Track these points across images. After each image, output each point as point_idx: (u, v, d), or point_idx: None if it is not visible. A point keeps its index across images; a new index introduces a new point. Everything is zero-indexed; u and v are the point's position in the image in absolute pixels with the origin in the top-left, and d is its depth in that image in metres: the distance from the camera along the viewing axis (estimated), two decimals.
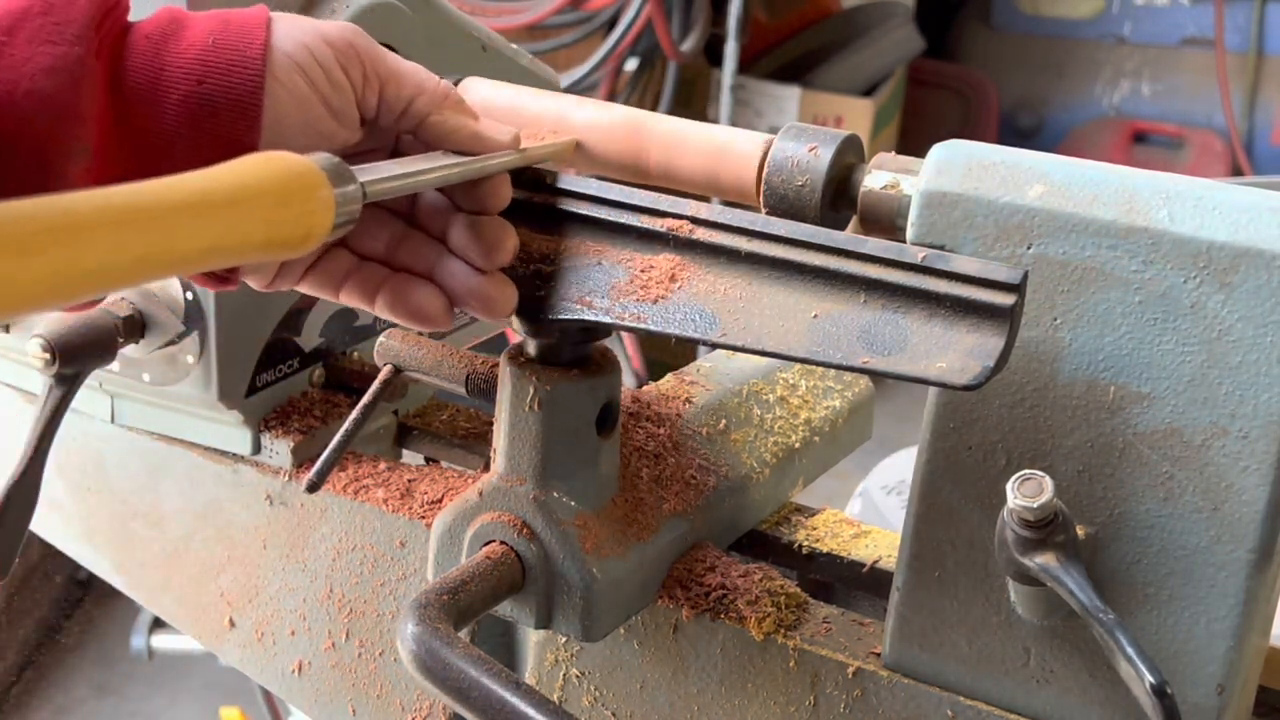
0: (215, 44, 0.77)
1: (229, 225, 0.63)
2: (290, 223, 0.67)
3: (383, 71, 0.83)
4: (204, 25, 0.79)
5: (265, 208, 0.65)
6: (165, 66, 0.77)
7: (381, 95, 0.83)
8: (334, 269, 0.85)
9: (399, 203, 0.86)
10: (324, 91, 0.80)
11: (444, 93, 0.86)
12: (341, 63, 0.81)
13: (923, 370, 0.76)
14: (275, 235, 0.66)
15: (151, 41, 0.77)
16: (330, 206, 0.70)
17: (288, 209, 0.67)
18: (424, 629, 0.79)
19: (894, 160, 0.88)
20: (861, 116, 4.39)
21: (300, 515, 1.16)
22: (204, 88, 0.77)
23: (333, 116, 0.81)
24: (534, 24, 3.72)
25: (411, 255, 0.86)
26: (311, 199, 0.68)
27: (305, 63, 0.79)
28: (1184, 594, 0.80)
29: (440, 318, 0.85)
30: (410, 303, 0.84)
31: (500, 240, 0.84)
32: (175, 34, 0.78)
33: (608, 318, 0.84)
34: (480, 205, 0.85)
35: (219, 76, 0.77)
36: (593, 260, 0.86)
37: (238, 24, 0.79)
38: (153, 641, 2.93)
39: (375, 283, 0.85)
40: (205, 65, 0.77)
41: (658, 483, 0.99)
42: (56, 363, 1.03)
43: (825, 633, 0.94)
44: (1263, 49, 4.99)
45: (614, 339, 3.66)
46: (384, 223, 0.86)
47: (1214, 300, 0.77)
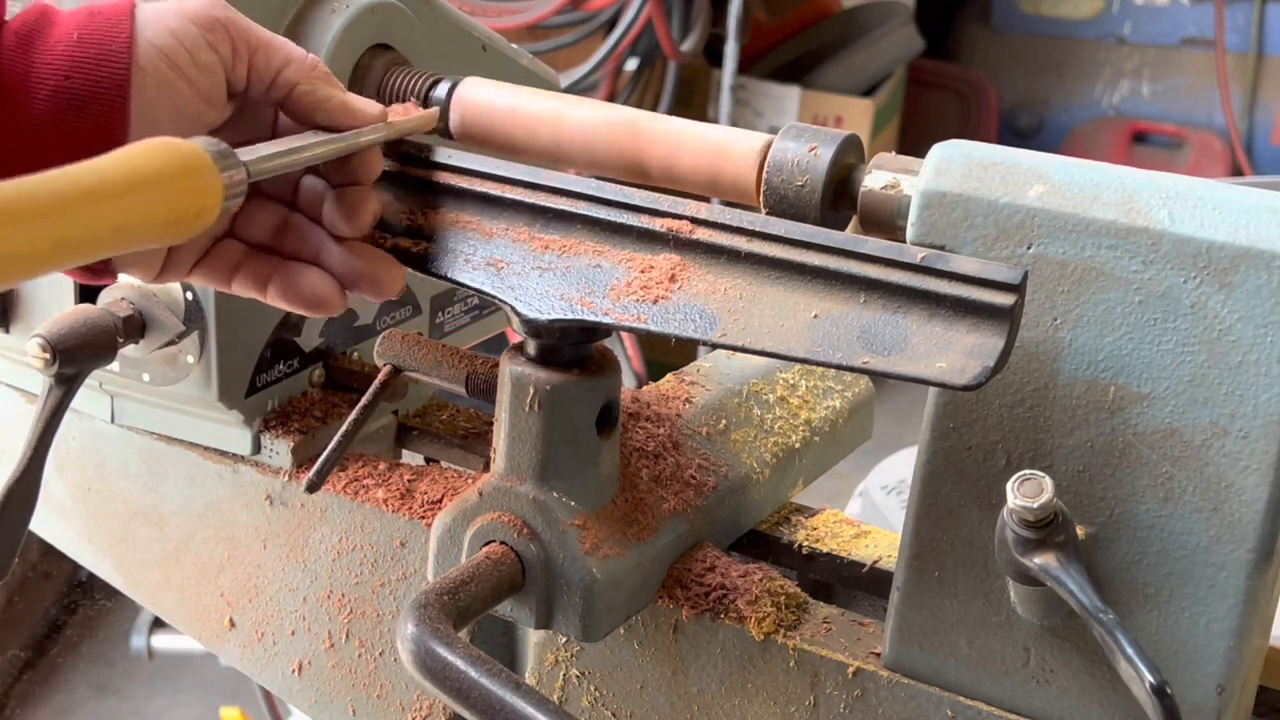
0: (81, 39, 0.79)
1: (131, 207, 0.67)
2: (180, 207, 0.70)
3: (252, 41, 0.84)
4: (72, 20, 0.80)
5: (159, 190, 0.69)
6: (33, 63, 0.78)
7: (251, 65, 0.85)
8: (224, 260, 0.87)
9: (281, 189, 0.88)
10: (191, 76, 0.81)
11: (312, 63, 0.87)
12: (209, 40, 0.82)
13: (923, 370, 0.76)
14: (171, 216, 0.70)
15: (20, 38, 0.79)
16: (218, 190, 0.73)
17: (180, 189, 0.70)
18: (424, 629, 0.79)
19: (894, 160, 0.88)
20: (861, 116, 4.39)
21: (300, 515, 1.16)
22: (71, 83, 0.78)
23: (201, 99, 0.83)
24: (534, 24, 3.72)
25: (297, 241, 0.88)
26: (200, 178, 0.71)
27: (170, 48, 0.81)
28: (1184, 594, 0.80)
29: (332, 302, 0.87)
30: (301, 289, 0.86)
31: (360, 205, 0.86)
32: (44, 30, 0.79)
33: (608, 318, 0.84)
34: (353, 178, 0.87)
35: (86, 71, 0.78)
36: (593, 260, 0.86)
37: (103, 17, 0.80)
38: (153, 641, 2.93)
39: (266, 272, 0.87)
40: (72, 61, 0.78)
41: (658, 483, 0.99)
42: (56, 363, 1.03)
43: (825, 633, 0.94)
44: (1263, 49, 4.99)
45: (614, 339, 3.66)
46: (268, 209, 0.88)
47: (1214, 300, 0.77)
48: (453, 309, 1.35)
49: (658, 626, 0.98)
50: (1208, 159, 4.96)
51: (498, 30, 1.42)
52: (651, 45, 3.85)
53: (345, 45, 1.07)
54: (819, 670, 0.93)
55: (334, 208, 0.87)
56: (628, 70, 3.93)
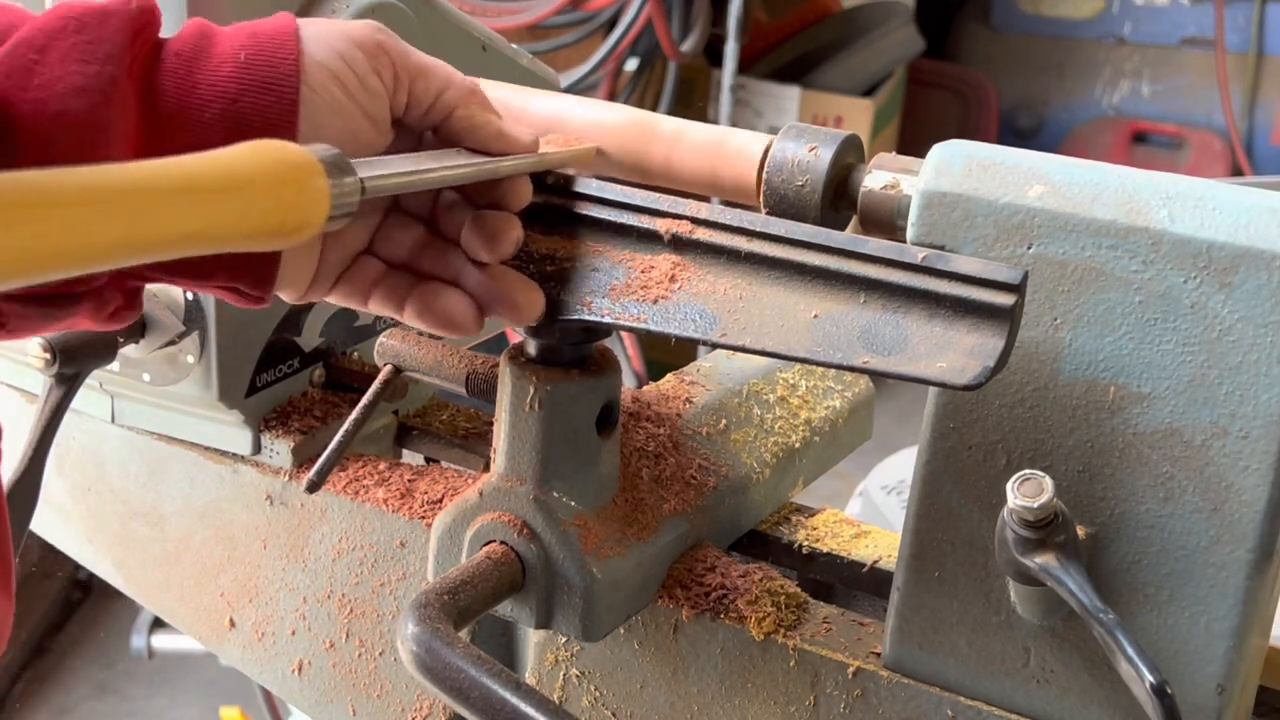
0: (248, 60, 0.76)
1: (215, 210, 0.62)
2: (281, 212, 0.66)
3: (411, 68, 0.82)
4: (234, 40, 0.77)
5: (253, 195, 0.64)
6: (198, 85, 0.75)
7: (410, 91, 0.82)
8: (362, 277, 0.84)
9: (419, 206, 0.86)
10: (359, 99, 0.79)
11: (471, 87, 0.85)
12: (374, 66, 0.80)
13: (923, 370, 0.76)
14: (265, 223, 0.65)
15: (183, 59, 0.76)
16: (325, 197, 0.68)
17: (279, 197, 0.65)
18: (424, 629, 0.79)
19: (894, 160, 0.88)
20: (861, 116, 4.39)
21: (300, 515, 1.16)
22: (238, 106, 0.75)
23: (369, 123, 0.80)
24: (534, 24, 3.72)
25: (436, 261, 0.85)
26: (306, 189, 0.67)
27: (339, 71, 0.78)
28: (1184, 594, 0.80)
29: (469, 324, 0.84)
30: (438, 310, 0.83)
31: (502, 232, 0.83)
32: (206, 50, 0.76)
33: (608, 318, 0.84)
34: (499, 205, 0.84)
35: (254, 95, 0.76)
36: (593, 260, 0.86)
37: (268, 37, 0.77)
38: (153, 641, 2.93)
39: (403, 291, 0.84)
40: (239, 84, 0.75)
41: (658, 483, 0.99)
42: (56, 363, 1.04)
43: (825, 633, 0.94)
44: (1263, 49, 4.99)
45: (614, 339, 3.66)
46: (406, 227, 0.85)
47: (1214, 300, 0.77)
48: None
49: (658, 626, 0.98)
50: (1208, 159, 4.96)
51: (498, 30, 1.42)
52: (651, 45, 3.85)
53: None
54: (819, 670, 0.93)
55: (473, 232, 0.83)
56: (628, 70, 3.93)
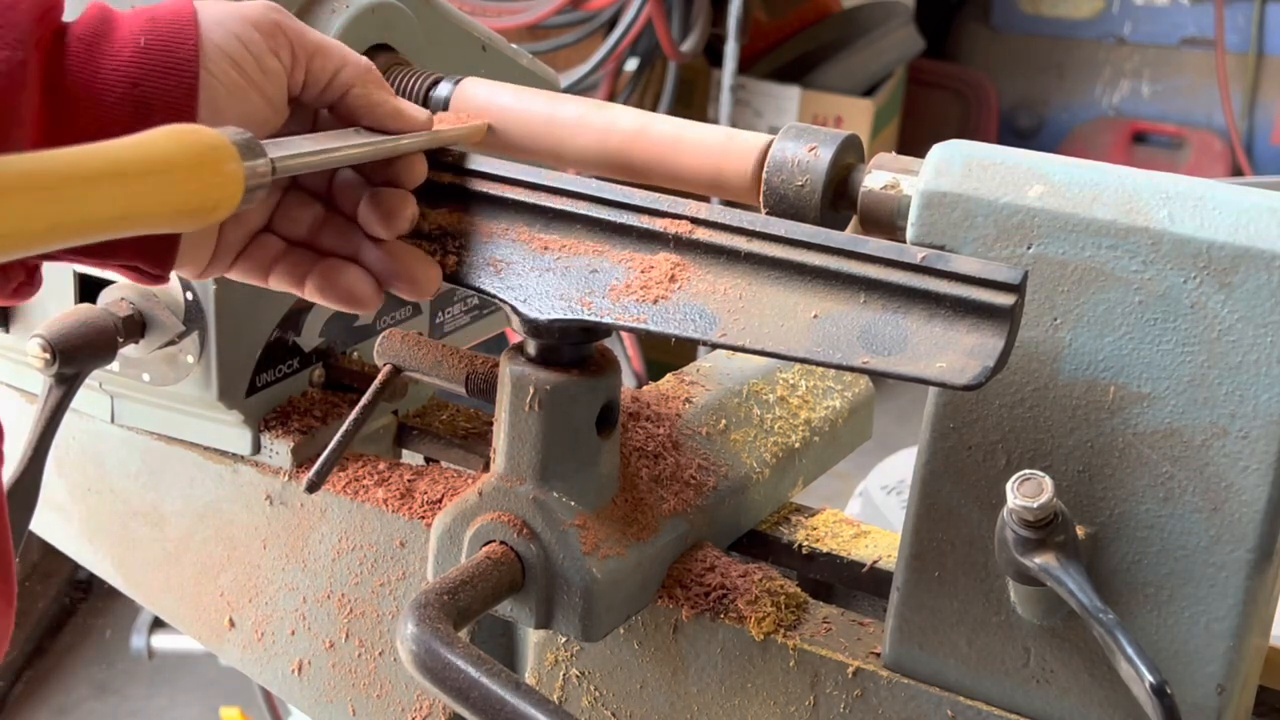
0: (147, 45, 0.78)
1: (140, 194, 0.65)
2: (200, 193, 0.68)
3: (309, 46, 0.84)
4: (134, 24, 0.79)
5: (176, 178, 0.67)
6: (100, 69, 0.77)
7: (308, 70, 0.84)
8: (262, 254, 0.86)
9: (316, 184, 0.88)
10: (257, 80, 0.81)
11: (366, 66, 0.87)
12: (271, 46, 0.82)
13: (923, 370, 0.76)
14: (185, 205, 0.68)
15: (84, 43, 0.77)
16: (239, 179, 0.71)
17: (197, 180, 0.68)
18: (424, 629, 0.79)
19: (894, 160, 0.88)
20: (861, 116, 4.39)
21: (300, 515, 1.16)
22: (140, 90, 0.77)
23: (266, 103, 0.82)
24: (534, 24, 3.72)
25: (335, 238, 0.87)
26: (220, 171, 0.70)
27: (237, 54, 0.80)
28: (1184, 594, 0.80)
29: (369, 298, 0.86)
30: (339, 285, 0.86)
31: (398, 209, 0.86)
32: (107, 35, 0.78)
33: (608, 318, 0.84)
34: (395, 182, 0.86)
35: (154, 79, 0.77)
36: (593, 260, 0.86)
37: (166, 21, 0.79)
38: (153, 641, 2.93)
39: (303, 267, 0.86)
40: (140, 68, 0.77)
41: (658, 483, 0.99)
42: (56, 363, 1.03)
43: (825, 633, 0.94)
44: (1263, 49, 4.99)
45: (614, 339, 3.66)
46: (304, 204, 0.87)
47: (1214, 300, 0.77)
48: (453, 309, 1.35)
49: (658, 626, 0.98)
50: (1208, 159, 4.96)
51: (498, 30, 1.42)
52: (651, 45, 3.85)
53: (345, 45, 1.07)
54: (819, 670, 0.93)
55: (370, 209, 0.86)
56: (628, 70, 3.93)
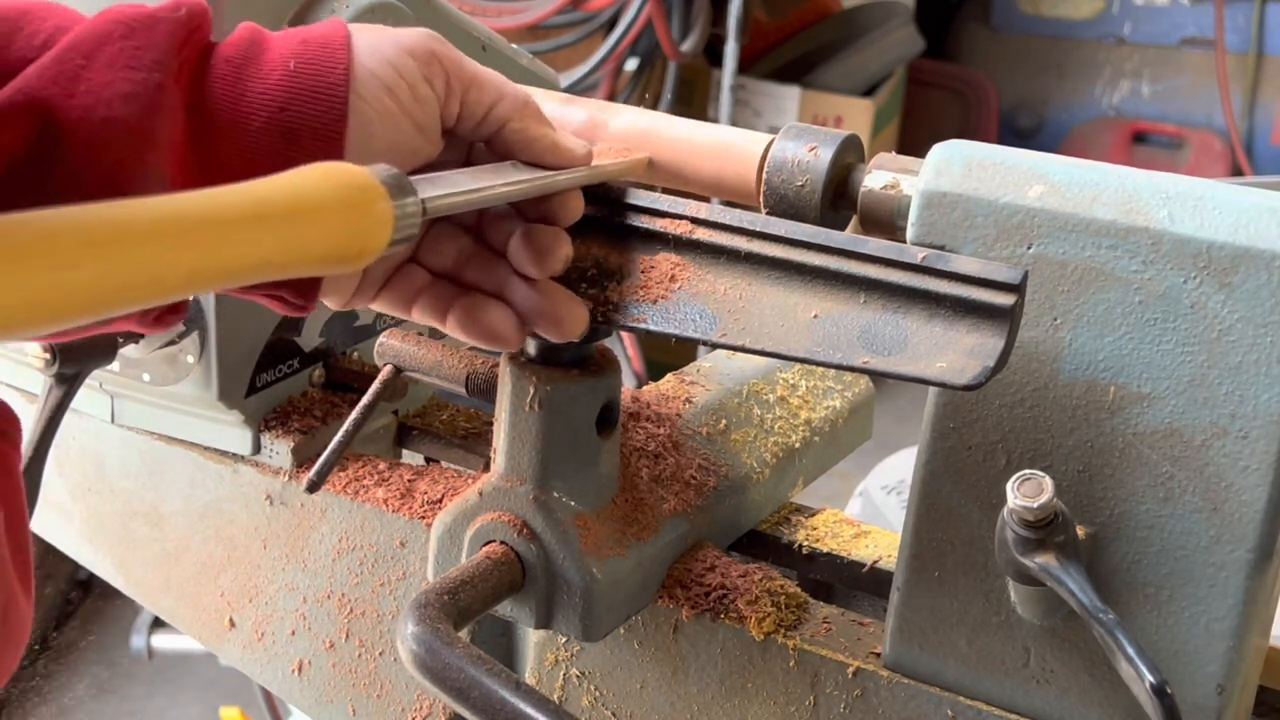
0: (297, 69, 0.75)
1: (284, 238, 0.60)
2: (346, 237, 0.64)
3: (465, 78, 0.81)
4: (284, 47, 0.76)
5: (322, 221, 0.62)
6: (246, 92, 0.74)
7: (463, 102, 0.81)
8: (406, 286, 0.83)
9: (466, 216, 0.84)
10: (410, 109, 0.78)
11: (524, 99, 0.83)
12: (425, 74, 0.78)
13: (923, 370, 0.76)
14: (331, 249, 0.63)
15: (232, 65, 0.75)
16: (388, 221, 0.67)
17: (344, 222, 0.64)
18: (424, 629, 0.79)
19: (894, 160, 0.88)
20: (861, 116, 4.39)
21: (300, 515, 1.16)
22: (286, 115, 0.74)
23: (419, 132, 0.79)
24: (534, 24, 3.72)
25: (480, 273, 0.84)
26: (369, 213, 0.65)
27: (391, 81, 0.77)
28: (1184, 594, 0.80)
29: (512, 337, 0.83)
30: (481, 323, 0.82)
31: (552, 248, 0.82)
32: (256, 57, 0.75)
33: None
34: (549, 219, 0.83)
35: (302, 104, 0.74)
36: (593, 260, 0.86)
37: (318, 44, 0.76)
38: (153, 641, 2.93)
39: (446, 301, 0.83)
40: (288, 92, 0.74)
41: (658, 483, 0.99)
42: (56, 363, 1.03)
43: (825, 633, 0.94)
44: (1263, 49, 4.99)
45: (614, 339, 3.66)
46: (452, 237, 0.84)
47: (1214, 300, 0.77)
48: None
49: (658, 626, 0.98)
50: (1208, 159, 4.96)
51: (498, 30, 1.42)
52: (651, 45, 3.85)
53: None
54: (819, 670, 0.93)
55: (522, 247, 0.82)
56: (628, 70, 3.93)
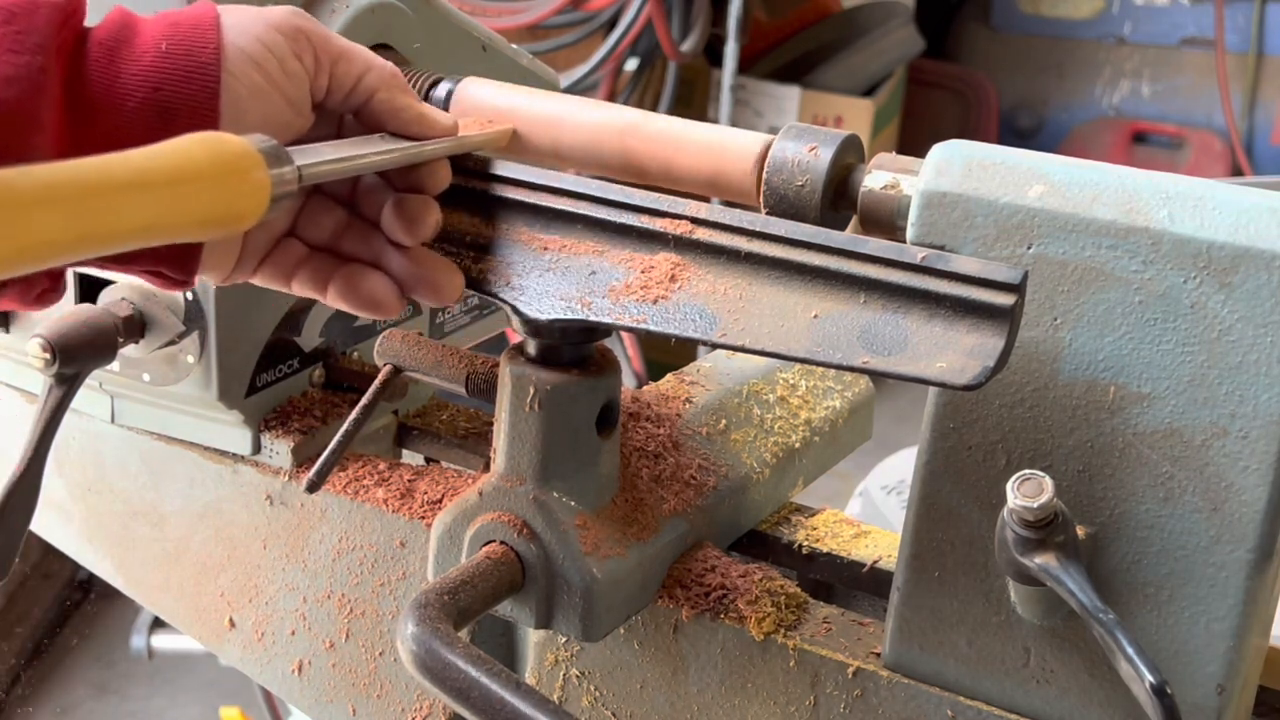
0: (169, 50, 0.78)
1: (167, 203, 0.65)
2: (227, 202, 0.69)
3: (333, 52, 0.84)
4: (156, 29, 0.79)
5: (202, 187, 0.67)
6: (120, 74, 0.77)
7: (332, 75, 0.84)
8: (286, 259, 0.86)
9: (340, 189, 0.88)
10: (280, 84, 0.81)
11: (391, 71, 0.87)
12: (294, 50, 0.82)
13: (923, 370, 0.76)
14: (212, 213, 0.68)
15: (105, 49, 0.77)
16: (266, 187, 0.71)
17: (224, 188, 0.68)
18: (424, 629, 0.79)
19: (894, 160, 0.88)
20: (861, 116, 4.39)
21: (300, 515, 1.16)
22: (160, 94, 0.77)
23: (289, 106, 0.82)
24: (534, 24, 3.72)
25: (357, 243, 0.87)
26: (247, 179, 0.70)
27: (260, 57, 0.80)
28: (1184, 594, 0.80)
29: (391, 304, 0.86)
30: (361, 291, 0.86)
31: (421, 215, 0.86)
32: (129, 40, 0.78)
33: (608, 318, 0.84)
34: (419, 188, 0.87)
35: (176, 84, 0.77)
36: (593, 260, 0.86)
37: (189, 25, 0.79)
38: (153, 641, 2.93)
39: (326, 272, 0.86)
40: (161, 73, 0.77)
41: (658, 483, 0.99)
42: (56, 363, 1.03)
43: (825, 633, 0.94)
44: (1263, 49, 4.99)
45: (614, 339, 3.66)
46: (328, 210, 0.87)
47: (1214, 300, 0.77)
48: (453, 309, 1.35)
49: (658, 626, 0.98)
50: (1208, 159, 4.96)
51: (498, 30, 1.42)
52: (651, 45, 3.85)
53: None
54: (819, 670, 0.93)
55: (393, 215, 0.85)
56: (628, 70, 3.93)
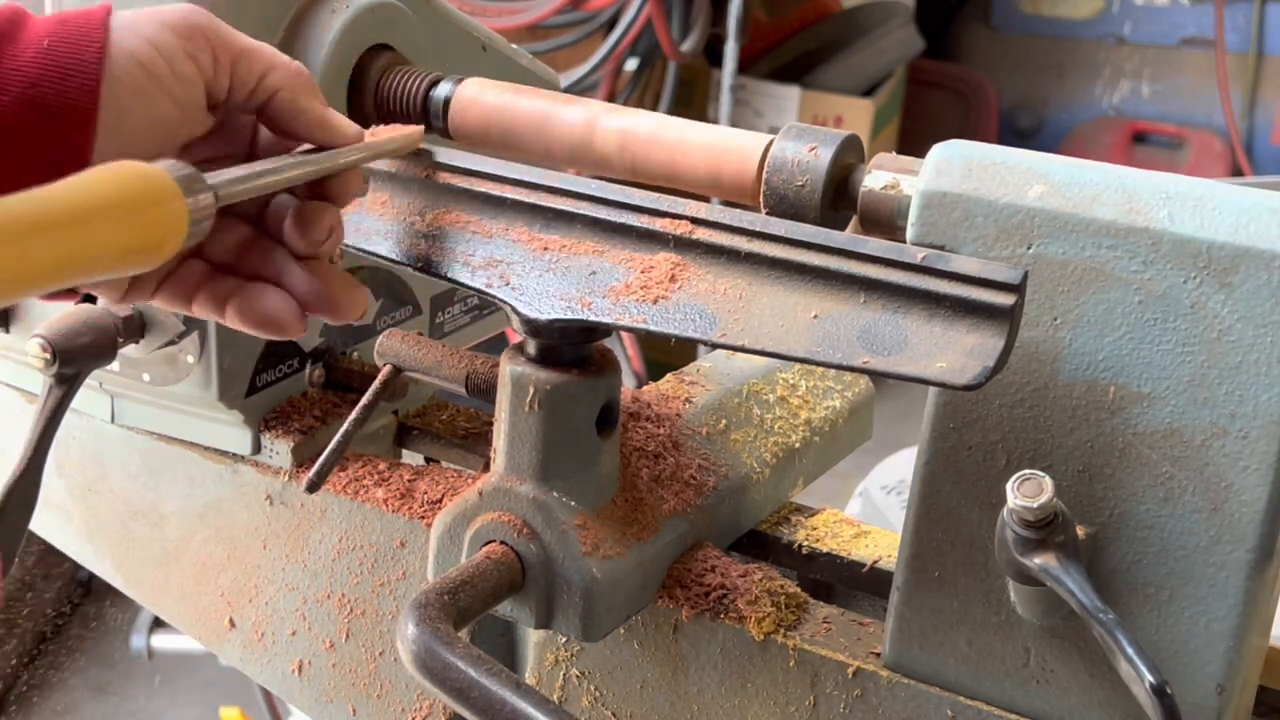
0: (50, 47, 0.76)
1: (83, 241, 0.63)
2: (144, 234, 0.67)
3: (233, 49, 0.82)
4: (43, 26, 0.77)
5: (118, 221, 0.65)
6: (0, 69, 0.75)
7: (233, 73, 0.82)
8: (186, 281, 0.83)
9: (248, 207, 0.85)
10: (169, 85, 0.79)
11: (296, 70, 0.85)
12: (188, 50, 0.79)
13: (923, 370, 0.76)
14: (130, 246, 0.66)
15: None
16: (184, 217, 0.69)
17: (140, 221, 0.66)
18: (424, 629, 0.79)
19: (894, 160, 0.88)
20: (861, 116, 4.39)
21: (300, 515, 1.16)
22: (37, 91, 0.75)
23: (179, 111, 0.80)
24: (534, 24, 3.72)
25: (260, 261, 0.84)
26: (165, 210, 0.68)
27: (147, 58, 0.78)
28: (1184, 594, 0.80)
29: (291, 324, 0.83)
30: (259, 310, 0.83)
31: (317, 220, 0.83)
32: (14, 35, 0.77)
33: (608, 318, 0.84)
34: (326, 197, 0.84)
35: (53, 81, 0.76)
36: (593, 260, 0.86)
37: (76, 25, 0.77)
38: (153, 641, 2.93)
39: (225, 293, 0.83)
40: (41, 68, 0.76)
41: (658, 483, 0.99)
42: (56, 363, 1.03)
43: (825, 633, 0.94)
44: (1263, 49, 4.99)
45: (614, 339, 3.66)
46: (233, 226, 0.85)
47: (1214, 300, 0.77)
48: (453, 309, 1.35)
49: (658, 626, 0.98)
50: (1208, 159, 4.96)
51: (498, 30, 1.42)
52: (651, 45, 3.85)
53: (345, 45, 1.07)
54: (819, 670, 0.93)
55: (293, 225, 0.83)
56: (628, 70, 3.93)
